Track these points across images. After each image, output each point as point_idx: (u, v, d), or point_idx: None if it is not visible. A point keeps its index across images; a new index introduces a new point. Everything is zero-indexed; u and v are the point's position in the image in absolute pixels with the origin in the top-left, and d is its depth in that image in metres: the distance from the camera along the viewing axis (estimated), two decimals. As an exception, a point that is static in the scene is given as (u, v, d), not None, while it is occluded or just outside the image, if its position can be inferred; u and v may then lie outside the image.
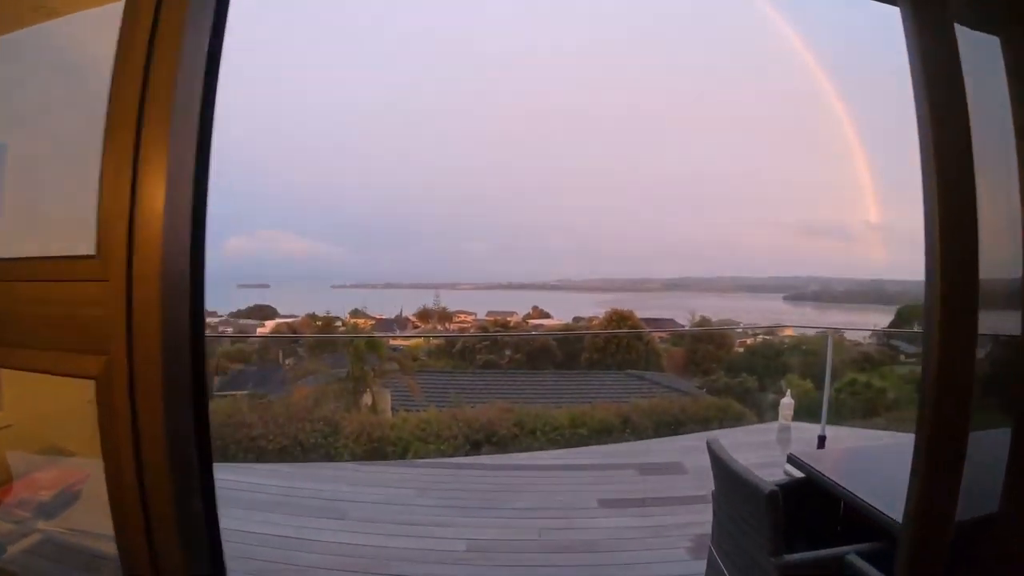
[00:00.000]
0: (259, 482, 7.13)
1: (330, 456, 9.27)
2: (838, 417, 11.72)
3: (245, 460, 9.13)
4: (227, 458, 9.30)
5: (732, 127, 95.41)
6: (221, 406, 13.87)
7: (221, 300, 74.70)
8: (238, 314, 70.90)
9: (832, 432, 8.24)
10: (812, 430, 8.48)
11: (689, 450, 8.14)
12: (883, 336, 48.72)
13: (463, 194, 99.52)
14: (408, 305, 70.28)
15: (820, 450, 5.84)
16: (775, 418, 9.73)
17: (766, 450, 7.80)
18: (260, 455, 9.27)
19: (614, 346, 32.85)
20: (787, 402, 8.80)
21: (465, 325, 55.18)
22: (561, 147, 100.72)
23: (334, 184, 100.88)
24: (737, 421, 10.94)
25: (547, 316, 62.61)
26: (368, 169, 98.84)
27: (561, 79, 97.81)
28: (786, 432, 8.71)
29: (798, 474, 6.32)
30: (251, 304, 76.04)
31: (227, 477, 7.23)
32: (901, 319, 55.02)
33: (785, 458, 6.90)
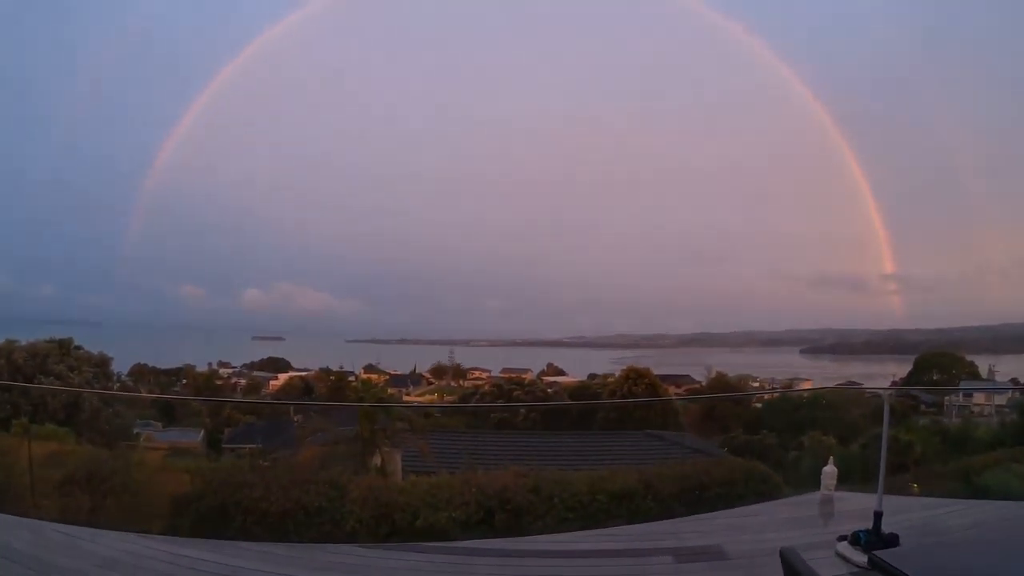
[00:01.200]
0: (243, 566, 6.47)
1: (335, 522, 8.71)
2: (868, 475, 10.89)
3: (244, 524, 8.59)
4: (225, 520, 8.77)
5: (743, 181, 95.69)
6: (223, 464, 13.39)
7: (235, 352, 75.01)
8: (252, 366, 70.97)
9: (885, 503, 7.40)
10: (858, 501, 7.66)
11: (727, 530, 7.44)
12: (902, 387, 47.85)
13: (478, 252, 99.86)
14: (422, 361, 70.12)
15: (900, 547, 5.18)
16: (801, 479, 9.07)
17: (810, 527, 7.16)
18: (260, 518, 8.73)
19: (631, 404, 32.24)
20: (829, 470, 8.03)
21: (479, 382, 54.61)
22: (574, 205, 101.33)
23: (351, 240, 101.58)
24: (763, 483, 10.24)
25: (562, 373, 62.03)
26: (384, 226, 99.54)
27: (574, 140, 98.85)
28: (829, 505, 7.95)
29: (854, 557, 5.74)
30: (265, 356, 76.18)
31: (207, 557, 6.60)
32: (920, 368, 54.40)
33: (835, 537, 6.29)
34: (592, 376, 55.42)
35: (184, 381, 49.63)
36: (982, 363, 53.38)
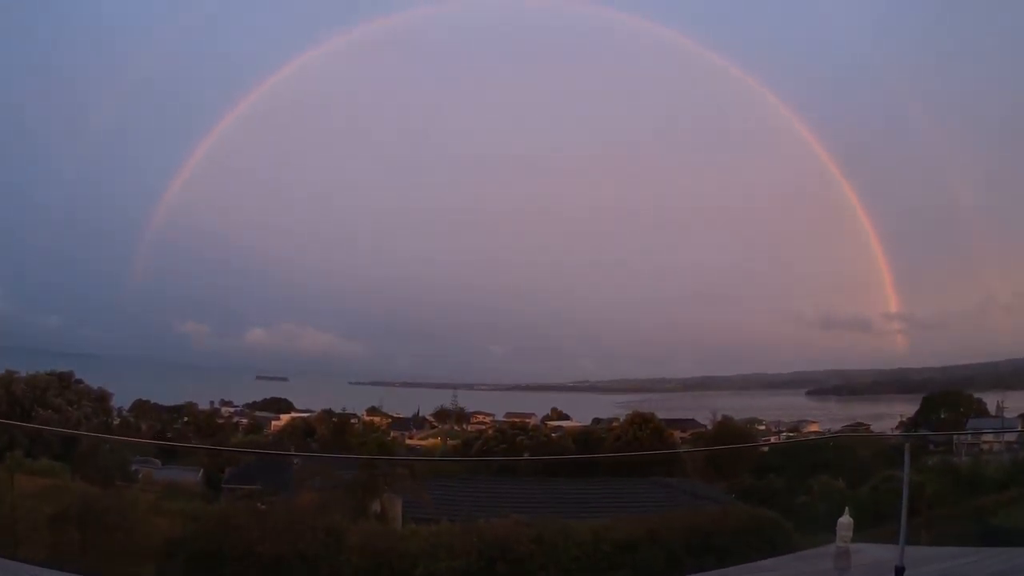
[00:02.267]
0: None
1: (332, 570, 8.45)
2: (881, 519, 10.54)
3: (236, 570, 8.35)
4: (219, 565, 8.53)
5: (744, 222, 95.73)
6: (219, 507, 13.13)
7: (238, 391, 74.46)
8: (254, 406, 70.39)
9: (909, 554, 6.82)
10: (876, 553, 7.21)
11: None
12: (909, 426, 47.26)
13: (482, 295, 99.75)
14: (425, 404, 69.51)
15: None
16: (812, 525, 8.67)
17: (826, 585, 6.83)
18: (254, 564, 8.48)
19: (636, 449, 31.81)
20: (845, 521, 7.53)
21: (482, 426, 54.00)
22: (575, 249, 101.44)
23: (356, 282, 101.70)
24: (774, 532, 9.93)
25: (566, 418, 61.35)
26: (389, 270, 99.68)
27: (575, 182, 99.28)
28: (845, 559, 7.50)
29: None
30: (268, 396, 75.62)
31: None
32: (928, 407, 53.76)
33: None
34: (597, 421, 54.78)
35: (186, 419, 49.24)
36: (990, 399, 52.78)
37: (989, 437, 35.83)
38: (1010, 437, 33.70)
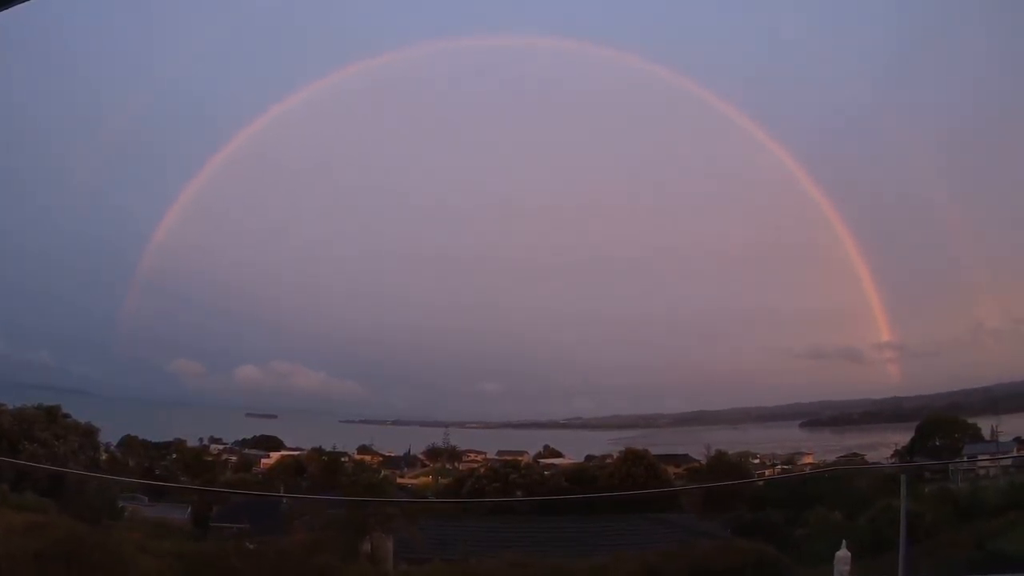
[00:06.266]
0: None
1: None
2: (880, 549, 10.51)
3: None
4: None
5: (733, 257, 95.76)
6: (206, 547, 12.85)
7: (228, 428, 73.60)
8: (243, 443, 69.44)
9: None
10: None
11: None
12: (904, 454, 46.95)
13: (473, 334, 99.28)
14: (417, 443, 68.73)
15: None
16: (812, 558, 8.56)
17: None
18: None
19: (630, 485, 31.63)
20: (843, 555, 7.48)
21: (475, 464, 53.49)
22: (568, 286, 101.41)
23: (348, 321, 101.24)
24: (772, 566, 9.85)
25: (559, 455, 60.79)
26: (381, 309, 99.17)
27: (570, 221, 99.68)
28: None
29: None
30: (258, 434, 74.59)
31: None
32: (922, 435, 53.46)
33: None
34: (590, 458, 54.34)
35: (174, 455, 48.78)
36: (984, 424, 52.68)
37: (986, 462, 35.66)
38: (1006, 461, 33.68)
